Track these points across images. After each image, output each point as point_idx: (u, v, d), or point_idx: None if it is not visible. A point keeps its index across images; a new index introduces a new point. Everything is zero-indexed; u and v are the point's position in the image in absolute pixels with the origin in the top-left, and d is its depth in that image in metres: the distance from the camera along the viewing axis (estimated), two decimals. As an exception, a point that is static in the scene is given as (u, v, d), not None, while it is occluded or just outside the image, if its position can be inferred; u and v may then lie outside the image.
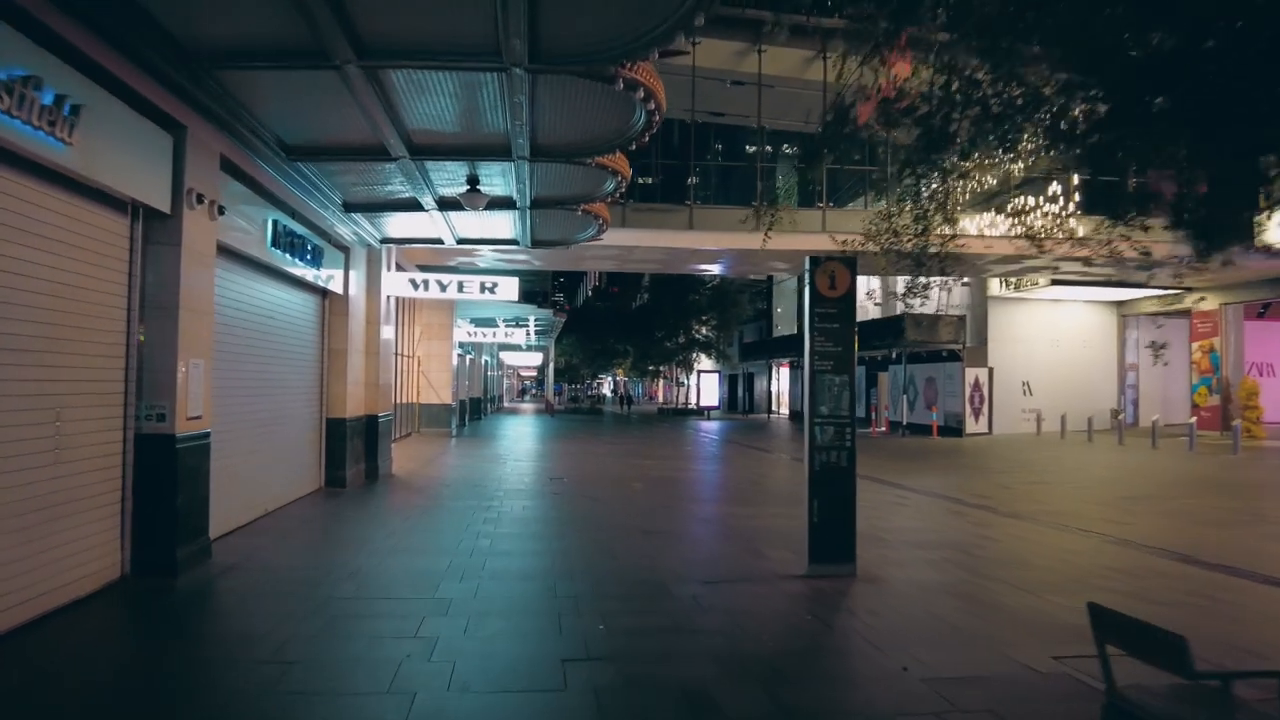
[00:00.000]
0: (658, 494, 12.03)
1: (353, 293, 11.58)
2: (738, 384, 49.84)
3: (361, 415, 12.07)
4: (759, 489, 12.61)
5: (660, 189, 19.62)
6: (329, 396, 11.13)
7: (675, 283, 49.12)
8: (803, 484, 6.72)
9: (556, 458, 17.36)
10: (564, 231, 11.62)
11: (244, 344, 8.22)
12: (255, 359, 8.61)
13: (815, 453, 6.62)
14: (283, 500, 9.39)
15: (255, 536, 7.82)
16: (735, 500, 11.32)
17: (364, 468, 12.18)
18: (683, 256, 18.94)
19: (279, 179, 8.25)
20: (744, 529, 8.67)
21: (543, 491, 11.48)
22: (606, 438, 24.77)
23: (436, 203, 9.62)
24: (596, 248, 17.56)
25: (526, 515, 9.39)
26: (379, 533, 8.17)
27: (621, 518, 9.31)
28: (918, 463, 17.27)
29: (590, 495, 11.11)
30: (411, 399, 22.97)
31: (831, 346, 6.68)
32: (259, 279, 8.53)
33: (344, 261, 11.30)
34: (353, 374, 11.59)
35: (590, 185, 9.05)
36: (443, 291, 12.88)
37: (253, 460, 8.51)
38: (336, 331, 11.21)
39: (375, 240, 11.88)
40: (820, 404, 6.64)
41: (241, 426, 8.14)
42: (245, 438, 8.27)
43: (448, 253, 17.24)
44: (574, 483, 12.59)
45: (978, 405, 26.74)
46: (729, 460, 17.75)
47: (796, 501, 8.10)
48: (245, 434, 8.26)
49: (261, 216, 8.17)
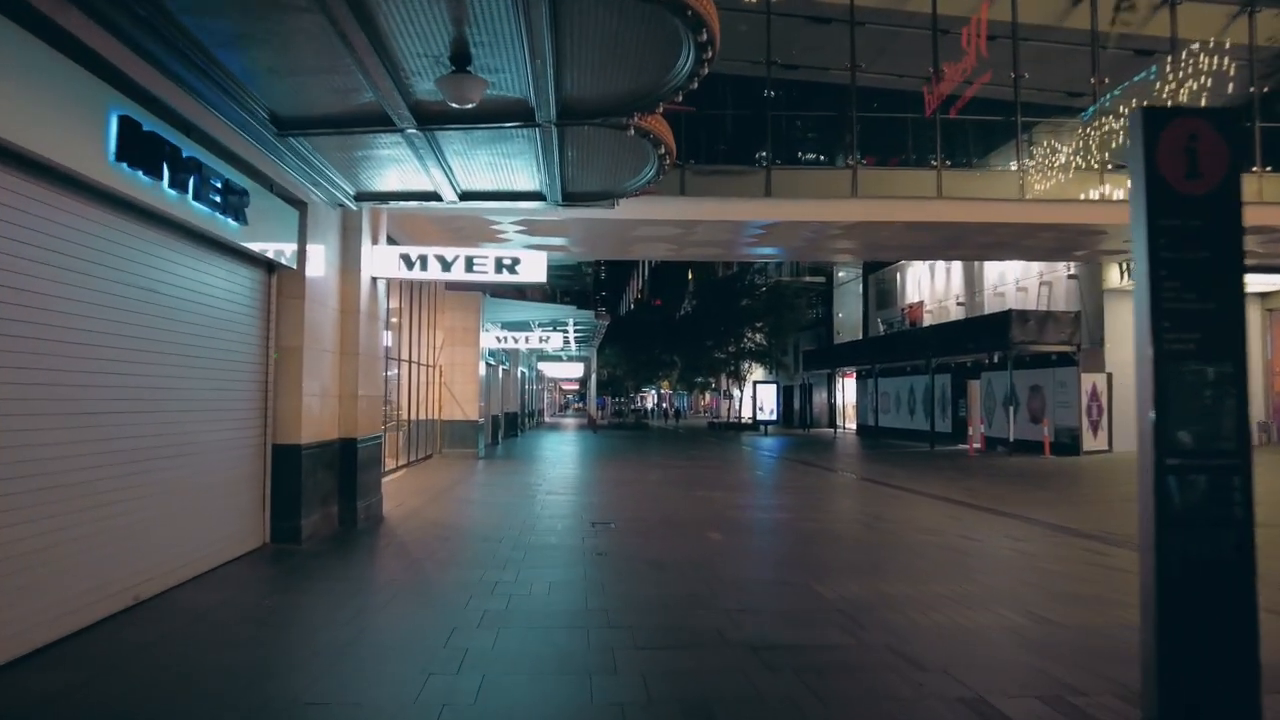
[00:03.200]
0: (752, 553, 8.46)
1: (315, 269, 8.28)
2: (794, 396, 45.72)
3: (331, 439, 8.74)
4: (903, 545, 8.91)
5: (723, 151, 16.03)
6: (277, 414, 7.82)
7: (724, 288, 45.54)
8: (978, 538, 3.59)
9: (600, 488, 13.86)
10: (608, 175, 8.16)
11: (83, 331, 4.92)
12: (119, 358, 5.31)
13: (1169, 531, 3.00)
14: (175, 576, 6.03)
15: (59, 669, 4.43)
16: (880, 569, 7.60)
17: (336, 511, 8.85)
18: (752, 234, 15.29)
19: (114, 33, 4.91)
20: (945, 632, 5.06)
21: (581, 549, 7.98)
22: (658, 458, 21.17)
23: (415, 115, 6.25)
24: (650, 226, 14.06)
25: (551, 604, 5.89)
26: (299, 650, 4.76)
27: (708, 609, 5.75)
28: (1049, 491, 13.38)
29: (650, 557, 7.57)
30: (431, 414, 19.76)
31: (1194, 301, 3.07)
32: (107, 218, 5.19)
33: (298, 224, 8.01)
34: (315, 382, 8.27)
35: (647, 65, 5.61)
36: (445, 270, 9.54)
37: (110, 516, 5.19)
38: (288, 322, 7.91)
39: (348, 196, 8.58)
40: (1176, 422, 3.02)
41: (77, 461, 4.83)
42: (88, 479, 4.95)
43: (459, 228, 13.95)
44: (625, 531, 9.06)
45: (1095, 418, 22.52)
46: (823, 492, 14.04)
47: (991, 569, 5.66)
48: (88, 473, 4.94)
49: (89, 100, 4.81)
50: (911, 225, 14.14)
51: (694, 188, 13.53)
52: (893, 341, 32.88)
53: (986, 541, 8.70)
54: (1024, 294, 26.65)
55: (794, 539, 9.09)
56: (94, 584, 5.01)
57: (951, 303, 31.25)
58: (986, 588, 6.50)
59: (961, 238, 15.54)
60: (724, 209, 13.57)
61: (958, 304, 30.76)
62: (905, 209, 13.69)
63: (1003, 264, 27.89)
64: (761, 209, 13.71)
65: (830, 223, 14.18)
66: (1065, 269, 24.70)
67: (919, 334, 30.16)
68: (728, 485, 14.92)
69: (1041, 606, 5.80)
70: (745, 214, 13.67)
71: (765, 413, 40.66)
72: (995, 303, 27.93)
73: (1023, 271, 26.85)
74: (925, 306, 33.26)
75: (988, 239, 15.60)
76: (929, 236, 15.40)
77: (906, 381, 31.27)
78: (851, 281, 42.02)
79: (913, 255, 25.43)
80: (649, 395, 76.28)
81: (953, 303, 31.16)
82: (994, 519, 10.32)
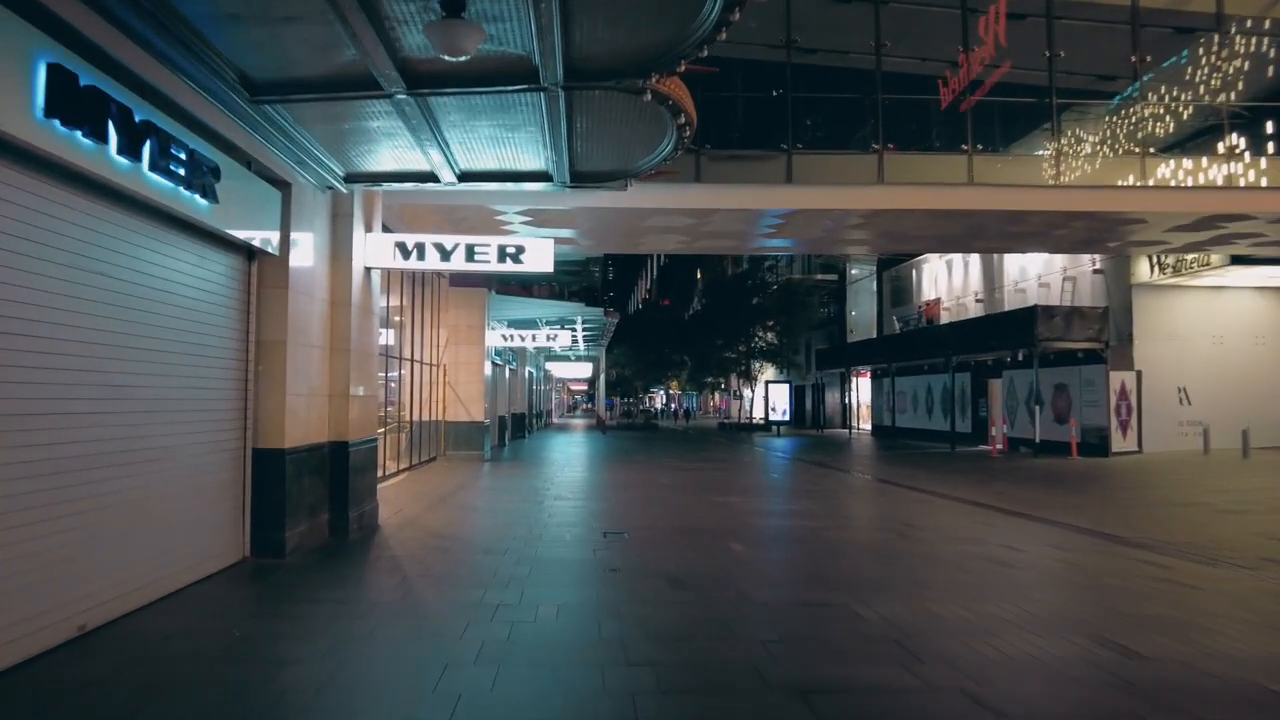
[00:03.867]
0: (780, 568, 7.73)
1: (302, 257, 7.58)
2: (804, 396, 44.77)
3: (320, 442, 8.03)
4: (943, 556, 8.15)
5: (739, 138, 15.21)
6: (259, 415, 7.11)
7: (733, 287, 44.67)
8: (1022, 548, 3.15)
9: (611, 493, 13.13)
10: (620, 150, 7.41)
11: (15, 319, 4.22)
12: (61, 350, 4.61)
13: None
14: (133, 600, 5.31)
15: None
16: (924, 586, 6.84)
17: (327, 520, 8.14)
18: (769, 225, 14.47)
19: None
20: (1019, 667, 4.30)
21: (591, 564, 7.24)
22: (669, 460, 20.41)
23: (403, 75, 5.52)
24: (662, 216, 13.32)
25: (560, 633, 5.14)
26: (259, 694, 4.03)
27: (740, 639, 5.00)
28: (1084, 494, 12.55)
29: (668, 573, 6.82)
30: (435, 416, 19.07)
31: None
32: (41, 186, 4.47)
33: (281, 206, 7.31)
34: (302, 380, 7.56)
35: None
36: (445, 259, 8.82)
37: (49, 534, 4.48)
38: (271, 314, 7.20)
39: (337, 178, 7.87)
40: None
41: (5, 472, 4.13)
42: (21, 492, 4.25)
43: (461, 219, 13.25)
44: (639, 542, 8.32)
45: (1124, 417, 21.65)
46: (845, 496, 13.26)
47: (1045, 585, 4.58)
48: (20, 485, 4.24)
49: (8, 42, 4.04)
50: (936, 214, 13.32)
51: (710, 174, 12.74)
52: (910, 339, 32.00)
53: (1031, 552, 7.92)
54: (1046, 290, 25.74)
55: (823, 551, 8.33)
56: (27, 613, 4.30)
57: (970, 299, 30.36)
58: (1047, 608, 5.75)
59: (988, 227, 14.71)
60: (742, 196, 12.77)
61: (976, 300, 29.86)
62: (933, 196, 12.87)
63: (1024, 259, 27.03)
64: (782, 196, 12.90)
65: (853, 211, 13.33)
66: (1090, 264, 23.80)
67: (938, 331, 29.28)
68: (744, 489, 14.16)
69: (1116, 632, 5.04)
70: (765, 202, 12.87)
71: (778, 413, 39.81)
72: (1016, 299, 27.04)
73: (1045, 266, 25.96)
74: (943, 303, 32.37)
75: (1017, 228, 14.77)
76: (954, 225, 14.58)
77: (924, 380, 30.41)
78: (865, 279, 41.14)
79: (936, 247, 24.20)
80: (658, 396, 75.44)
81: (971, 299, 30.27)
82: (1033, 526, 9.55)
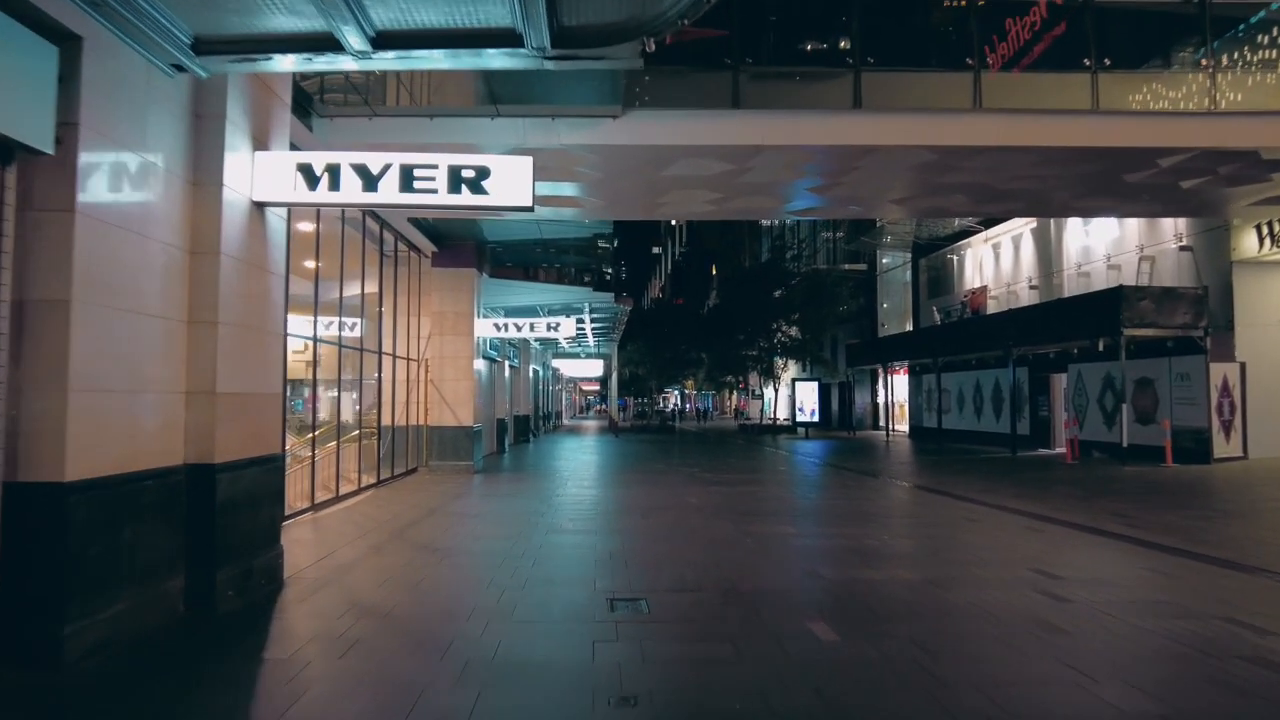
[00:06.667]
0: (898, 675, 4.62)
1: (109, 166, 4.63)
2: (830, 395, 41.46)
3: (169, 466, 5.08)
4: (1140, 641, 5.08)
5: (788, 51, 12.05)
6: (19, 424, 4.18)
7: (753, 280, 41.49)
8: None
9: (622, 519, 10.04)
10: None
11: None
12: None
13: None
14: None
15: None
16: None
17: (181, 587, 5.18)
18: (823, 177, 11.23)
19: None
20: None
21: (587, 676, 4.23)
22: (693, 470, 17.23)
23: None
24: (690, 160, 10.14)
25: None
26: None
27: None
28: (1230, 517, 9.42)
29: (722, 706, 3.80)
30: (417, 420, 16.16)
31: None
32: None
33: (61, 72, 4.35)
34: (114, 367, 4.61)
35: None
36: (370, 189, 5.85)
37: None
38: (42, 254, 4.26)
39: (178, 44, 4.85)
40: None
41: None
42: None
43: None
44: (664, 618, 5.29)
45: (1227, 417, 18.41)
46: (929, 522, 10.16)
47: None
48: None
49: None
50: (1048, 156, 10.10)
51: (752, 98, 9.61)
52: (957, 331, 28.81)
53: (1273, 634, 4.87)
54: (1116, 272, 22.50)
55: (953, 633, 5.23)
56: None
57: (1022, 286, 27.18)
58: None
59: (1109, 176, 11.30)
60: (797, 128, 9.46)
61: (1030, 287, 26.67)
62: (1051, 129, 9.58)
63: (1088, 239, 23.87)
64: (850, 128, 9.54)
65: (951, 148, 9.90)
66: (1174, 240, 20.60)
67: (991, 321, 26.06)
68: (795, 512, 11.10)
69: None
70: (826, 136, 9.54)
71: (805, 413, 36.70)
72: (1078, 284, 23.84)
73: (1115, 246, 22.75)
74: (990, 291, 29.17)
75: (1142, 175, 11.33)
76: (1066, 174, 11.12)
77: (972, 377, 27.22)
78: (898, 268, 37.99)
79: (1024, 209, 18.88)
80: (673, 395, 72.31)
81: (1023, 286, 27.09)
82: (1214, 573, 6.55)
